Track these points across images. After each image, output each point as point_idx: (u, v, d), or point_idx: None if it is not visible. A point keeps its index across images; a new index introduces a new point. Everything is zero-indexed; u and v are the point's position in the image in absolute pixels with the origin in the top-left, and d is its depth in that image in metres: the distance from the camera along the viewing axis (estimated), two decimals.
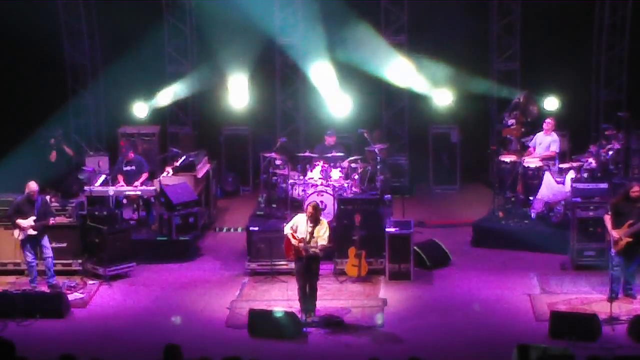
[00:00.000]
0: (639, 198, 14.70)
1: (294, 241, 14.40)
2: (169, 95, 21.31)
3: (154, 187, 18.22)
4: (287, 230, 14.59)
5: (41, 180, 16.46)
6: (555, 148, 18.64)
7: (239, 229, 19.14)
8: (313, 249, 14.33)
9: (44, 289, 15.82)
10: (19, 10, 20.23)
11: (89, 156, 20.82)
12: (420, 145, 21.66)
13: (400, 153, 21.72)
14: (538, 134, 18.81)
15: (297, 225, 14.48)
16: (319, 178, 18.48)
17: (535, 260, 17.02)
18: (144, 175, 18.65)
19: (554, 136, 18.70)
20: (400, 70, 20.71)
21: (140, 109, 21.14)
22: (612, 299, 14.56)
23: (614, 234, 14.65)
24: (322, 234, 14.35)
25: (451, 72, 20.54)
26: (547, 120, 18.85)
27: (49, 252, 15.92)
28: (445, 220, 19.41)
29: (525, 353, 11.41)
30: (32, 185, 15.86)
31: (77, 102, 21.78)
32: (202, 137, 21.78)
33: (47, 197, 16.72)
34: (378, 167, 19.29)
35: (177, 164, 19.02)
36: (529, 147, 18.89)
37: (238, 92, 20.95)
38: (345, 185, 18.42)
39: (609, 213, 14.94)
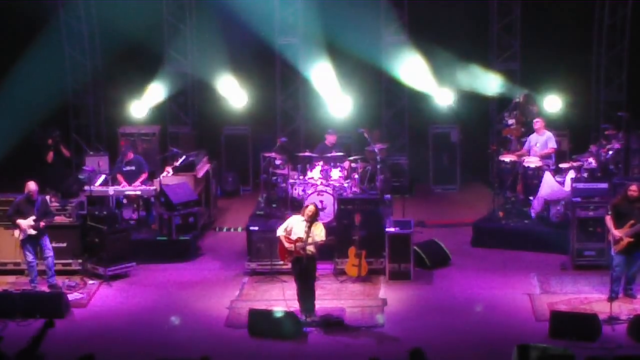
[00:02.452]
0: (637, 198, 14.71)
1: (287, 244, 14.37)
2: (156, 92, 21.37)
3: (154, 187, 18.23)
4: (280, 232, 14.56)
5: (38, 181, 16.43)
6: (553, 144, 18.65)
7: (239, 229, 19.15)
8: (311, 249, 14.32)
9: (44, 289, 15.82)
10: (18, 10, 20.23)
11: (89, 156, 20.81)
12: (420, 145, 21.67)
13: (400, 153, 21.71)
14: (531, 135, 18.83)
15: (292, 227, 14.45)
16: (319, 178, 18.48)
17: (535, 260, 17.02)
18: (143, 176, 18.64)
19: (548, 134, 18.71)
20: (402, 68, 20.72)
21: (139, 109, 21.18)
22: (612, 299, 14.57)
23: (616, 233, 14.65)
24: (319, 232, 14.35)
25: (452, 71, 20.57)
26: (536, 120, 18.88)
27: (49, 252, 15.91)
28: (445, 220, 19.41)
29: (525, 353, 11.42)
30: (31, 185, 15.85)
31: (77, 102, 21.79)
32: (202, 137, 21.78)
33: (47, 197, 16.71)
34: (378, 167, 19.29)
35: (177, 164, 19.01)
36: (523, 147, 18.92)
37: (228, 92, 20.98)
38: (345, 185, 18.41)
39: (610, 213, 14.93)
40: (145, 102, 21.28)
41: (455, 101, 20.88)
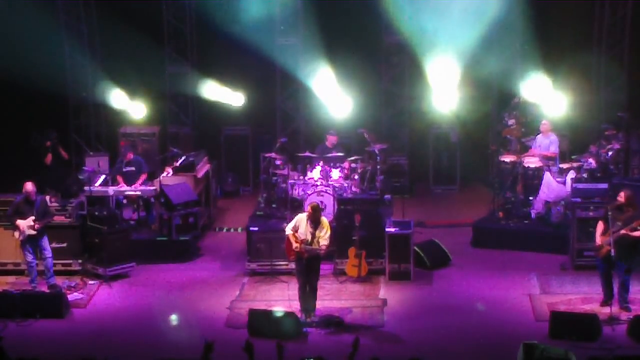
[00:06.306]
0: (624, 205, 14.58)
1: (295, 244, 14.39)
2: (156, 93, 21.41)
3: (154, 187, 18.23)
4: (288, 230, 14.58)
5: (38, 183, 16.42)
6: (554, 149, 18.66)
7: (239, 229, 19.15)
8: (316, 250, 14.31)
9: (44, 289, 15.82)
10: (18, 10, 20.22)
11: (89, 156, 20.79)
12: (420, 145, 21.67)
13: (400, 153, 21.71)
14: (538, 136, 18.84)
15: (299, 225, 14.48)
16: (319, 178, 18.48)
17: (535, 260, 17.03)
18: (143, 176, 18.64)
19: (552, 137, 18.72)
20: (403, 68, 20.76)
21: (139, 109, 21.18)
22: (605, 303, 14.53)
23: (598, 240, 14.58)
24: (324, 234, 14.35)
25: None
26: (543, 122, 18.89)
27: (48, 253, 15.91)
28: (445, 220, 19.41)
29: (531, 351, 11.46)
30: (28, 186, 15.86)
31: (77, 102, 21.78)
32: (202, 137, 21.78)
33: (47, 197, 16.71)
34: (378, 167, 19.28)
35: (177, 164, 19.01)
36: (530, 147, 18.91)
37: (224, 94, 21.00)
38: (345, 185, 18.41)
39: (603, 218, 14.81)
40: (144, 103, 21.28)
41: (456, 101, 20.88)
